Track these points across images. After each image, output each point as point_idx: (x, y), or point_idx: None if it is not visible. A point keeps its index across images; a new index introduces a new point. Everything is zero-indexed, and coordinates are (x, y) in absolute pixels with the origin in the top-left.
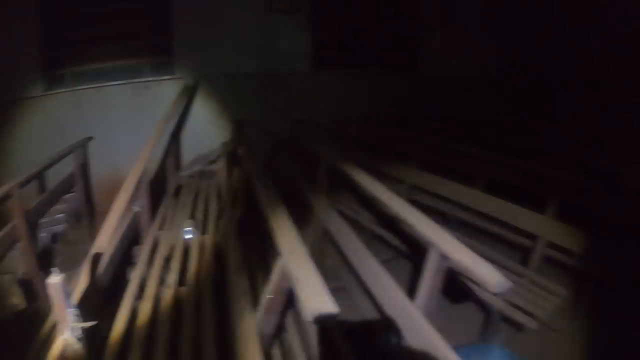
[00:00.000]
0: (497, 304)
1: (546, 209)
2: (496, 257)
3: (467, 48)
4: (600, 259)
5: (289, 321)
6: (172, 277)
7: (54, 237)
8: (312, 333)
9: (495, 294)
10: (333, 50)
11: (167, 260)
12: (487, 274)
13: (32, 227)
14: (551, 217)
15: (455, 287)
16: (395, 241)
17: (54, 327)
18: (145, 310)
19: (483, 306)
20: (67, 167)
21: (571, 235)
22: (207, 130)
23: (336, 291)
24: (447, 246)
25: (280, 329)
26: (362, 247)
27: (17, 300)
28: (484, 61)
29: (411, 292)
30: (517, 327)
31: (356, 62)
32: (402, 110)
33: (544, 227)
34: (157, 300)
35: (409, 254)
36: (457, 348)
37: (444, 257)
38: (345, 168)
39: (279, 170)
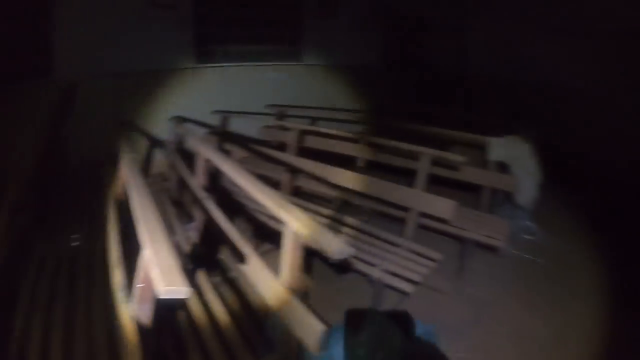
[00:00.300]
0: (375, 273)
1: (415, 182)
2: (374, 231)
3: (352, 37)
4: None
5: None
6: (62, 286)
7: None
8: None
9: (336, 259)
10: (217, 44)
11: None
12: (328, 243)
13: None
14: (420, 189)
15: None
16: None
17: None
18: (37, 320)
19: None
20: None
21: (438, 203)
22: (91, 133)
23: (228, 282)
24: (297, 223)
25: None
26: (237, 235)
27: None
28: (370, 49)
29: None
30: (402, 293)
31: (241, 54)
32: (287, 101)
33: (414, 199)
34: (48, 310)
35: None
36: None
37: (296, 233)
38: (218, 163)
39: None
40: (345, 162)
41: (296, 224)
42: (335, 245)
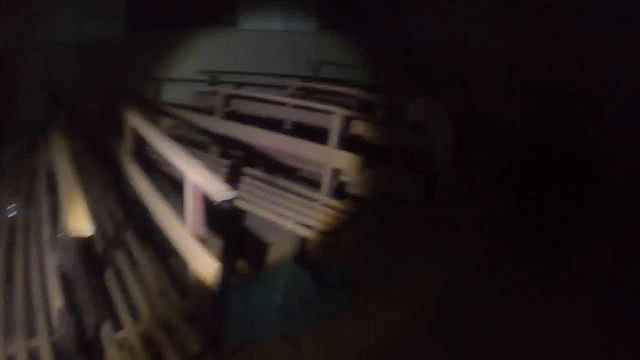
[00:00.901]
0: (289, 225)
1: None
2: (294, 188)
3: (288, 2)
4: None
5: None
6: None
7: None
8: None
9: (219, 201)
10: (150, 11)
11: None
12: (213, 188)
13: None
14: (332, 147)
15: None
16: None
17: None
18: None
19: None
20: None
21: (345, 158)
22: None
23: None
24: (194, 173)
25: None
26: (152, 190)
27: None
28: (306, 14)
29: None
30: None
31: (174, 21)
32: (223, 67)
33: (326, 156)
34: None
35: None
36: None
37: (194, 183)
38: (142, 129)
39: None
40: (273, 125)
41: (193, 175)
42: (219, 189)
